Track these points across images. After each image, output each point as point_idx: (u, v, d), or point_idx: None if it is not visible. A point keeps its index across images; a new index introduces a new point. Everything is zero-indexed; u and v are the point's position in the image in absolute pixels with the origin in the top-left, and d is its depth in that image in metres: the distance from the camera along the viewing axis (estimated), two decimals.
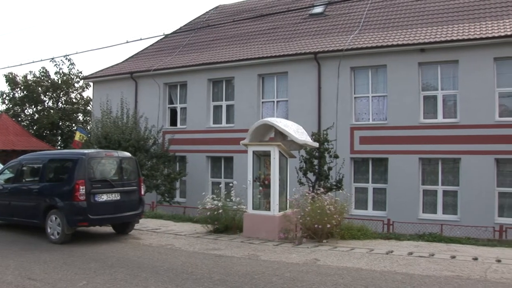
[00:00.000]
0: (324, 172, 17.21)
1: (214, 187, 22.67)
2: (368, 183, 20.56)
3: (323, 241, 11.45)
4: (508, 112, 18.62)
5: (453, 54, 19.19)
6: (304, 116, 20.37)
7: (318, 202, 11.72)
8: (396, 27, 21.83)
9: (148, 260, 9.67)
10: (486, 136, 18.35)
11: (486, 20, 20.03)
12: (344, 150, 19.65)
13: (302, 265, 9.17)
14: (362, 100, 20.98)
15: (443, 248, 10.78)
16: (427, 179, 19.67)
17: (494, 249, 10.84)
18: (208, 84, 24.35)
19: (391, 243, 11.61)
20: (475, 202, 18.17)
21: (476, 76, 18.63)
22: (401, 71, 19.89)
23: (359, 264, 9.17)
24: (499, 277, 8.16)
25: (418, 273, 8.42)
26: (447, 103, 19.65)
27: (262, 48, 23.93)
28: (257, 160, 12.81)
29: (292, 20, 25.60)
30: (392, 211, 19.19)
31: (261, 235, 12.02)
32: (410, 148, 19.43)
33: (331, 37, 22.65)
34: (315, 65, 21.33)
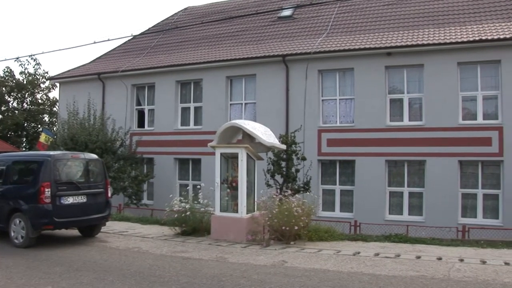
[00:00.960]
0: (292, 174, 17.32)
1: (181, 189, 22.56)
2: (335, 185, 20.75)
3: (291, 243, 11.51)
4: (471, 115, 19.09)
5: (418, 58, 19.56)
6: (272, 119, 20.46)
7: (285, 204, 11.77)
8: (363, 31, 22.10)
9: (115, 263, 9.58)
10: (450, 139, 18.77)
11: (450, 26, 20.47)
12: (312, 152, 19.81)
13: (269, 267, 9.20)
14: (329, 103, 21.17)
15: (409, 249, 10.95)
16: (393, 181, 19.98)
17: (457, 248, 11.07)
18: (176, 86, 24.24)
19: (358, 244, 11.73)
20: (439, 203, 18.54)
21: (441, 80, 19.03)
22: (368, 74, 20.15)
23: (326, 266, 9.24)
24: (462, 276, 8.36)
25: (384, 274, 8.53)
26: (412, 106, 19.99)
27: (230, 50, 23.95)
28: (224, 162, 12.81)
29: (261, 22, 25.69)
30: (359, 212, 19.40)
31: (229, 237, 12.02)
32: (377, 150, 19.70)
33: (299, 40, 22.81)
34: (283, 67, 21.45)
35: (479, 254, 10.35)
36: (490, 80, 18.93)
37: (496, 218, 18.28)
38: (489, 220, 18.15)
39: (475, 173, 18.92)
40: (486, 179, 18.81)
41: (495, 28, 19.26)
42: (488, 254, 10.35)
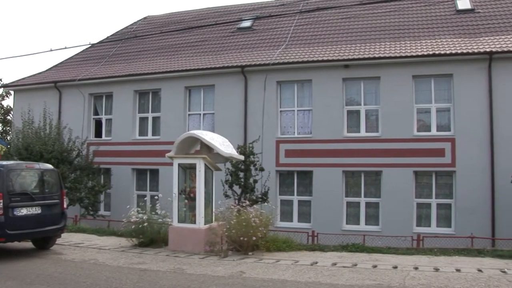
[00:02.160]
0: (250, 185, 17.37)
1: (139, 200, 22.28)
2: (293, 196, 20.89)
3: (249, 254, 11.52)
4: (426, 127, 19.61)
5: (375, 70, 19.99)
6: (231, 129, 20.46)
7: (243, 214, 11.79)
8: (321, 43, 22.43)
9: (70, 276, 9.39)
10: (405, 150, 19.21)
11: (405, 40, 21.02)
12: (270, 163, 19.91)
13: (228, 278, 9.19)
14: (287, 114, 21.36)
15: (366, 258, 11.09)
16: (350, 191, 20.25)
17: (412, 257, 11.29)
18: (135, 96, 24.02)
19: (315, 254, 11.81)
20: (395, 213, 18.90)
21: (396, 92, 19.49)
22: (326, 86, 20.44)
23: (284, 276, 9.27)
24: (416, 283, 8.54)
25: (341, 283, 8.62)
26: (369, 118, 20.38)
27: (189, 61, 23.91)
28: (182, 173, 12.77)
29: (220, 33, 25.76)
30: (316, 222, 19.57)
31: (186, 248, 11.96)
32: (334, 161, 19.94)
33: (258, 51, 22.97)
34: (242, 78, 21.55)
35: (432, 262, 10.60)
36: (443, 93, 19.53)
37: (449, 227, 18.81)
38: (442, 229, 18.66)
39: (429, 183, 19.41)
40: (439, 189, 19.33)
41: (447, 43, 19.90)
42: (441, 261, 10.61)
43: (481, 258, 11.15)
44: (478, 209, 18.16)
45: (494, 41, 19.43)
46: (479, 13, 21.88)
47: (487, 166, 18.39)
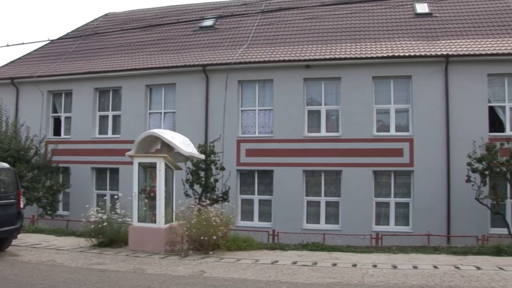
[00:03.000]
0: (211, 184, 17.39)
1: (99, 199, 21.99)
2: (254, 195, 20.97)
3: (210, 253, 11.48)
4: (385, 127, 19.98)
5: (336, 71, 20.24)
6: (192, 128, 20.40)
7: (204, 214, 11.75)
8: (283, 43, 22.55)
9: (26, 278, 9.15)
10: (365, 150, 19.52)
11: (366, 42, 21.33)
12: (231, 162, 19.95)
13: (188, 277, 9.13)
14: (249, 113, 21.43)
15: (325, 257, 11.17)
16: (311, 190, 20.44)
17: (371, 255, 11.44)
18: (95, 93, 23.68)
19: (276, 253, 11.83)
20: (355, 212, 19.20)
21: (357, 93, 19.80)
22: (287, 86, 20.58)
23: (245, 275, 9.25)
24: (375, 281, 8.67)
25: (301, 282, 8.67)
26: (330, 118, 20.62)
27: (150, 59, 23.72)
28: (143, 172, 12.65)
29: (182, 31, 25.62)
30: (277, 222, 19.69)
31: (147, 248, 11.86)
32: (295, 160, 20.10)
33: (220, 50, 22.93)
34: (204, 77, 21.50)
35: (390, 259, 10.78)
36: (402, 94, 19.95)
37: (406, 225, 19.24)
38: (400, 227, 19.06)
39: (388, 182, 19.81)
40: (398, 188, 19.75)
41: (406, 45, 20.32)
42: (399, 259, 10.79)
43: (437, 255, 11.41)
44: (434, 208, 18.64)
45: (450, 45, 19.96)
46: (436, 17, 22.46)
47: (443, 166, 18.88)
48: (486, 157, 16.77)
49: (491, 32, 20.88)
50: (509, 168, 16.74)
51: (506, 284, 8.39)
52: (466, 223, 17.81)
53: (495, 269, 9.62)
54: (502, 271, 9.39)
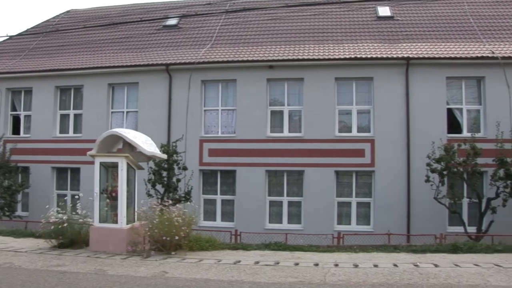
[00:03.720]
0: (173, 184, 17.34)
1: (59, 199, 21.59)
2: (217, 195, 20.94)
3: (172, 253, 11.41)
4: (347, 128, 20.25)
5: (299, 72, 20.39)
6: (154, 128, 20.25)
7: (166, 214, 11.67)
8: (247, 43, 22.59)
9: None
10: (327, 150, 19.74)
11: (329, 43, 21.56)
12: (193, 162, 19.92)
13: (150, 278, 9.06)
14: (211, 113, 21.38)
15: (288, 256, 11.23)
16: (273, 190, 20.54)
17: (333, 254, 11.55)
18: (56, 92, 23.25)
19: (238, 253, 11.84)
20: (317, 212, 19.39)
21: (319, 94, 20.00)
22: (250, 86, 20.64)
23: (207, 275, 9.22)
24: (336, 279, 8.77)
25: (264, 281, 8.69)
26: (292, 118, 20.75)
27: (113, 57, 23.44)
28: (104, 172, 12.51)
29: (145, 30, 25.40)
30: (240, 221, 19.73)
31: (108, 249, 11.73)
32: (257, 160, 20.17)
33: (183, 50, 22.83)
34: (167, 76, 21.37)
35: (352, 258, 10.92)
36: (364, 96, 20.25)
37: (368, 225, 19.55)
38: (361, 227, 19.40)
39: (350, 182, 20.08)
40: (359, 188, 20.04)
41: (368, 48, 20.64)
42: (360, 258, 10.95)
43: (397, 253, 11.63)
44: (395, 207, 19.00)
45: (411, 48, 20.39)
46: (398, 21, 22.91)
47: (403, 166, 19.25)
48: (444, 157, 17.12)
49: (449, 36, 21.44)
50: (466, 168, 17.12)
51: (461, 280, 8.68)
52: (425, 222, 18.20)
53: (451, 266, 9.92)
54: (458, 268, 9.69)
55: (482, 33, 21.37)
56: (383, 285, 8.36)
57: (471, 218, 18.32)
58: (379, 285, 8.36)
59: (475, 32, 21.50)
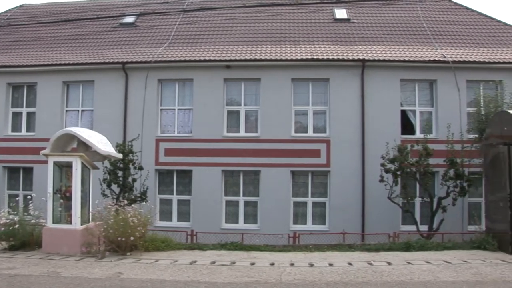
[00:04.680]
0: (129, 184, 17.19)
1: (11, 200, 20.96)
2: (173, 195, 20.79)
3: (127, 254, 11.34)
4: (303, 128, 20.45)
5: (256, 72, 20.47)
6: (110, 127, 19.92)
7: (121, 214, 11.60)
8: (204, 43, 22.51)
9: None
10: (283, 150, 19.88)
11: (286, 44, 21.71)
12: (149, 161, 19.76)
13: (105, 279, 8.98)
14: (168, 113, 21.22)
15: (244, 256, 11.34)
16: (230, 190, 20.55)
17: (289, 254, 11.74)
18: (7, 89, 22.60)
19: (194, 253, 11.87)
20: (273, 212, 19.49)
21: (276, 94, 20.13)
22: (207, 86, 20.58)
23: (163, 276, 9.22)
24: (292, 278, 8.91)
25: (220, 281, 8.75)
26: (249, 118, 20.81)
27: (68, 54, 22.95)
28: (58, 171, 12.33)
29: (101, 27, 24.99)
30: (196, 221, 19.66)
31: (62, 250, 11.54)
32: (214, 160, 20.13)
33: (140, 48, 22.58)
34: (123, 75, 21.10)
35: (307, 257, 11.11)
36: (320, 96, 20.50)
37: (323, 224, 19.78)
38: (317, 226, 19.61)
39: (306, 182, 20.27)
40: (315, 188, 20.26)
41: (325, 49, 20.89)
42: (315, 257, 11.15)
43: (351, 252, 11.90)
44: (350, 207, 19.30)
45: (367, 50, 20.76)
46: (354, 23, 23.29)
47: (358, 167, 19.58)
48: (398, 158, 17.46)
49: (403, 40, 21.94)
50: (419, 169, 17.52)
51: (413, 277, 9.00)
52: (379, 221, 18.53)
53: (404, 263, 10.25)
54: (410, 265, 10.04)
55: (435, 37, 21.95)
56: (338, 283, 8.52)
57: (423, 217, 18.75)
58: (334, 283, 8.51)
59: (428, 36, 22.06)
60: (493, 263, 10.31)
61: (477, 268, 9.75)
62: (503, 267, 9.97)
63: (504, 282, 8.65)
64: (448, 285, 8.42)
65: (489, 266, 9.98)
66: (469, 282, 8.60)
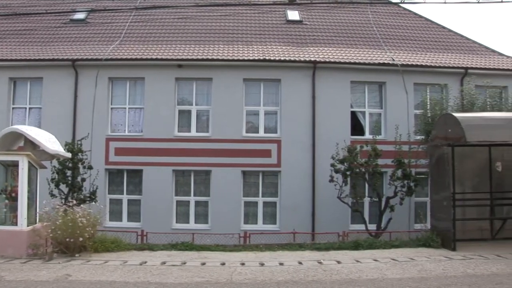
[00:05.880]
0: (78, 184, 16.94)
1: None
2: (123, 195, 20.52)
3: (76, 255, 11.12)
4: (254, 128, 20.59)
5: (208, 72, 20.46)
6: (59, 125, 19.44)
7: (70, 214, 11.38)
8: (156, 41, 22.32)
9: None
10: (234, 150, 19.94)
11: (238, 44, 21.78)
12: (99, 161, 19.45)
13: (52, 282, 8.77)
14: (119, 111, 20.94)
15: (195, 256, 11.32)
16: (181, 190, 20.46)
17: (240, 253, 11.80)
18: None
19: (145, 253, 11.77)
20: (224, 211, 19.52)
21: (228, 94, 20.17)
22: (158, 85, 20.42)
23: (112, 277, 9.08)
24: (243, 278, 8.96)
25: (170, 282, 8.71)
26: (200, 118, 20.79)
27: (15, 50, 22.27)
28: (3, 171, 12.01)
29: (51, 23, 24.34)
30: (146, 222, 19.44)
31: (7, 253, 11.21)
32: (165, 160, 20.00)
33: (91, 45, 22.14)
34: (73, 72, 20.66)
35: (258, 257, 11.19)
36: (271, 97, 20.70)
37: (274, 224, 19.96)
38: (268, 226, 19.75)
39: (257, 182, 20.42)
40: (266, 188, 20.44)
41: (277, 50, 21.09)
42: (266, 257, 11.24)
43: (302, 251, 12.06)
44: (300, 207, 19.55)
45: (318, 52, 21.08)
46: (306, 25, 23.62)
47: (309, 167, 19.85)
48: (347, 158, 17.77)
49: (354, 42, 22.41)
50: (368, 169, 17.91)
51: (361, 275, 9.22)
52: (329, 220, 18.82)
53: (353, 262, 10.49)
54: (359, 264, 10.29)
55: (384, 41, 22.48)
56: (288, 282, 8.62)
57: (372, 216, 19.23)
58: (285, 282, 8.61)
59: (378, 40, 22.57)
60: (436, 260, 10.71)
61: (422, 265, 10.08)
62: (445, 263, 10.36)
63: (446, 277, 9.00)
64: (395, 282, 8.65)
65: (433, 263, 10.36)
66: (414, 279, 8.87)
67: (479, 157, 13.93)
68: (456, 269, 9.72)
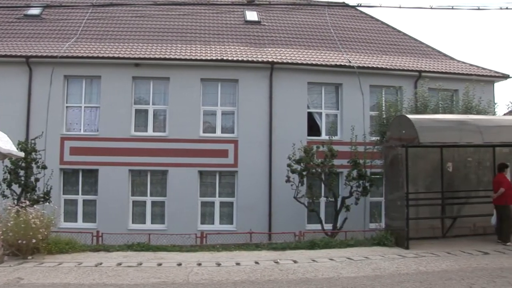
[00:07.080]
0: (31, 184, 16.60)
1: None
2: (78, 195, 20.20)
3: (29, 258, 10.91)
4: (211, 128, 20.60)
5: (165, 71, 20.35)
6: (11, 124, 18.89)
7: (22, 215, 11.16)
8: (113, 39, 22.06)
9: None
10: (191, 150, 19.92)
11: (196, 44, 21.75)
12: (54, 160, 19.10)
13: (2, 286, 8.54)
14: (74, 110, 20.61)
15: (151, 257, 11.25)
16: (137, 190, 20.30)
17: (196, 254, 11.78)
18: None
19: (100, 255, 11.64)
20: (180, 212, 19.47)
21: (185, 94, 20.11)
22: (115, 84, 20.20)
23: (67, 279, 8.95)
24: (199, 278, 8.97)
25: (127, 283, 8.65)
26: (157, 118, 20.66)
27: None
28: None
29: (3, 18, 23.68)
30: (102, 222, 19.17)
31: None
32: (121, 160, 19.81)
33: (46, 42, 21.69)
34: (27, 69, 20.20)
35: (215, 257, 11.21)
36: (229, 97, 20.75)
37: (231, 224, 20.03)
38: (225, 226, 19.78)
39: (213, 182, 20.43)
40: (222, 188, 20.48)
41: (235, 50, 21.15)
42: (223, 257, 11.27)
43: (258, 251, 12.13)
44: (257, 207, 19.68)
45: (276, 53, 21.25)
46: (264, 26, 23.78)
47: (265, 167, 19.99)
48: (304, 158, 17.95)
49: (312, 44, 22.69)
50: (324, 169, 18.13)
51: (317, 274, 9.36)
52: (286, 220, 19.01)
53: (309, 261, 10.64)
54: (315, 263, 10.43)
55: (341, 43, 22.85)
56: (245, 282, 8.69)
57: (328, 216, 19.51)
58: (241, 282, 8.67)
59: (335, 41, 22.90)
60: (390, 258, 10.96)
61: (376, 264, 10.31)
62: (399, 261, 10.63)
63: (400, 275, 9.23)
64: (350, 280, 8.82)
65: (387, 261, 10.61)
66: (369, 277, 9.07)
67: (431, 158, 14.34)
68: (409, 267, 9.99)
